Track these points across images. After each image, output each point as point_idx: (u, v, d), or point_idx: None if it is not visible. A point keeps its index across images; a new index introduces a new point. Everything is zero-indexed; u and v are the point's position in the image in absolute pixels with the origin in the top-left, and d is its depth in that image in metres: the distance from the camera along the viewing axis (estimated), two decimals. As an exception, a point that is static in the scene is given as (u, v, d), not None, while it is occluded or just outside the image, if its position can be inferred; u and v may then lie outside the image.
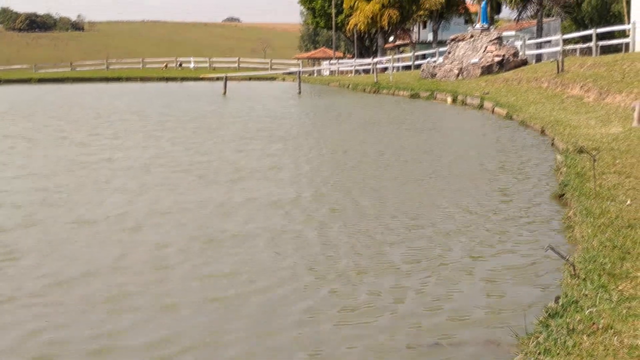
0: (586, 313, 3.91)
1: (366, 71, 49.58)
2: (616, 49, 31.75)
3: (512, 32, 44.27)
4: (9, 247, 6.12)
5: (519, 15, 46.78)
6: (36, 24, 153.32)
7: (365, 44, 62.89)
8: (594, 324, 3.76)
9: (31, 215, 7.36)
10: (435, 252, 5.89)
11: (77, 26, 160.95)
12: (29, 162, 11.21)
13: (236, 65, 64.05)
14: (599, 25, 42.03)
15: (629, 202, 6.44)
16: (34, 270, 5.53)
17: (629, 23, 30.46)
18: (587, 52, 29.06)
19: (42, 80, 49.66)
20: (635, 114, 11.60)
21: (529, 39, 36.30)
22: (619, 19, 54.94)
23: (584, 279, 4.50)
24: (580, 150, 9.15)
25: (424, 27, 63.52)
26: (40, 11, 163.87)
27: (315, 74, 57.87)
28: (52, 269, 5.58)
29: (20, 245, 6.19)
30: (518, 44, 31.34)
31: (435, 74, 28.67)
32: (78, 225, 6.94)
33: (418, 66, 38.99)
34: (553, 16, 54.57)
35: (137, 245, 6.26)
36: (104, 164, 10.80)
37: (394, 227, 6.71)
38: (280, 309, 4.67)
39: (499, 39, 28.28)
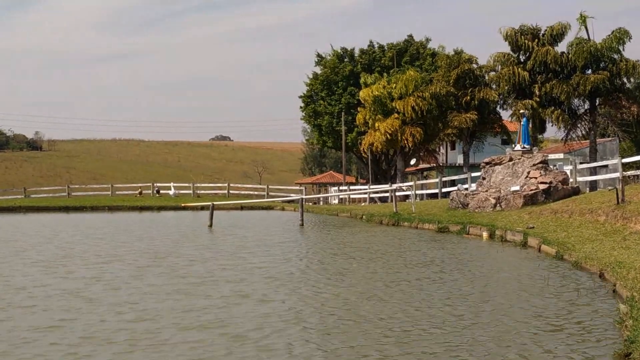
0: None
1: (383, 199, 50.25)
2: (688, 174, 32.17)
3: (560, 155, 45.23)
4: None
5: (567, 135, 47.78)
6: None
7: (381, 167, 63.84)
8: None
9: None
10: None
11: (33, 145, 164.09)
12: None
13: (225, 191, 65.00)
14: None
15: None
16: None
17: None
18: (652, 179, 29.48)
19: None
20: None
21: (581, 162, 37.01)
22: (689, 139, 55.99)
23: None
24: (649, 299, 9.15)
25: (453, 148, 64.88)
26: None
27: (322, 203, 58.70)
28: None
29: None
30: (567, 168, 31.93)
31: (468, 204, 29.01)
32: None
33: (446, 194, 39.58)
34: (609, 136, 55.69)
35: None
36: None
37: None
38: None
39: (544, 162, 28.85)
